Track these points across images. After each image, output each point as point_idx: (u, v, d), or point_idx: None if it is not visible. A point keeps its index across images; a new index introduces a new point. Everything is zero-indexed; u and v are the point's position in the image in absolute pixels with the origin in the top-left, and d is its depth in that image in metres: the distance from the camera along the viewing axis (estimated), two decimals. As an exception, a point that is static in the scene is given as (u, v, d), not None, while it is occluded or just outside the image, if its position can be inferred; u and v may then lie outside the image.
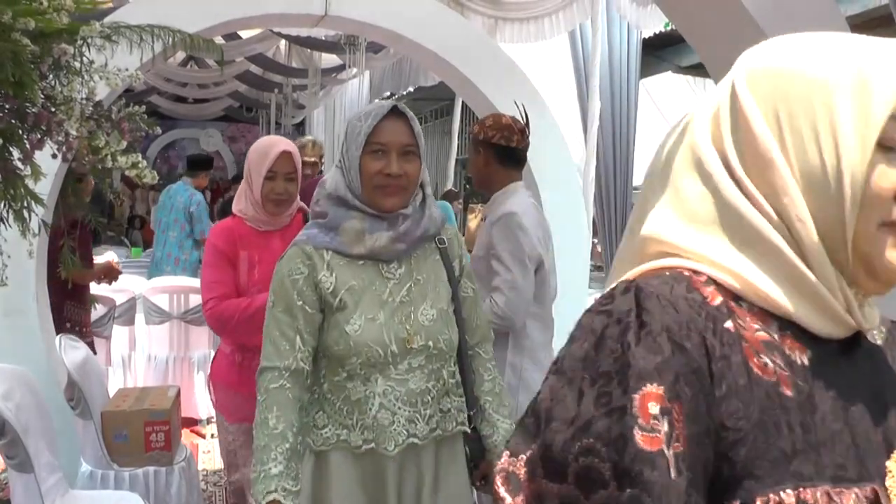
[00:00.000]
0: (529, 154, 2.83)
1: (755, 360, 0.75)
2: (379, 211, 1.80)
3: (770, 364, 0.75)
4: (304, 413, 1.82)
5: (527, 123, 2.79)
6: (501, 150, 2.72)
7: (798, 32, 0.85)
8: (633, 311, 0.75)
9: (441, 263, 1.91)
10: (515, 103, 3.02)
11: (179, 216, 6.09)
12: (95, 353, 4.15)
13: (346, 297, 1.77)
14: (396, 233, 1.80)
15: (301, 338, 1.78)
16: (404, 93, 10.33)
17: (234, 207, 2.66)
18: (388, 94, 10.60)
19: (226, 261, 2.56)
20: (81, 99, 1.56)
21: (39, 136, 1.50)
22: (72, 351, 3.10)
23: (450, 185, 9.91)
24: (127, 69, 1.63)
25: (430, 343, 1.80)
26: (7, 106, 1.45)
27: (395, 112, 1.81)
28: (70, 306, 3.82)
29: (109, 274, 4.16)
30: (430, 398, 1.81)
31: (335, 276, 1.78)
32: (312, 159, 4.91)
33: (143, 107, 1.74)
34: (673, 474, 0.68)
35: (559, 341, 2.84)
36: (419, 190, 1.88)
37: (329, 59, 9.21)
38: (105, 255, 4.87)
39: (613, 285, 0.80)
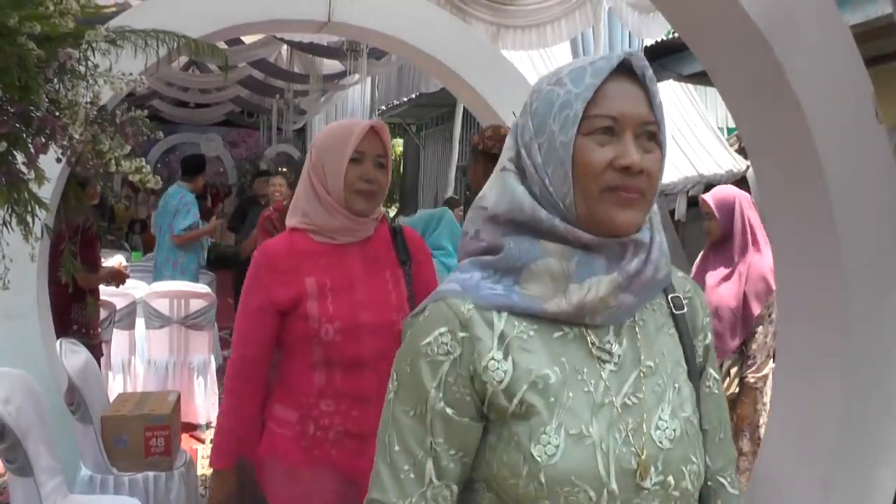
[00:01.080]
0: (531, 161, 2.84)
1: None
2: (607, 233, 1.05)
3: None
4: None
5: None
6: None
7: (800, 43, 0.84)
8: None
9: (676, 337, 1.14)
10: (514, 114, 3.04)
11: (173, 220, 6.08)
12: (103, 353, 4.17)
13: (534, 397, 1.02)
14: (624, 274, 1.04)
15: (436, 465, 1.04)
16: (406, 99, 10.32)
17: (292, 220, 2.01)
18: (393, 100, 10.60)
19: (268, 305, 1.91)
20: (86, 103, 1.56)
21: (44, 140, 1.50)
22: (72, 355, 3.09)
23: (450, 192, 9.91)
24: (131, 73, 1.63)
25: (672, 479, 1.04)
26: (12, 110, 1.45)
27: (625, 69, 1.06)
28: (77, 308, 3.82)
29: (117, 277, 4.17)
30: None
31: (513, 360, 1.03)
32: None
33: (145, 111, 1.73)
34: None
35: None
36: None
37: (331, 65, 9.23)
38: (114, 259, 4.87)
39: None
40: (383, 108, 11.66)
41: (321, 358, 1.89)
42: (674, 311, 1.15)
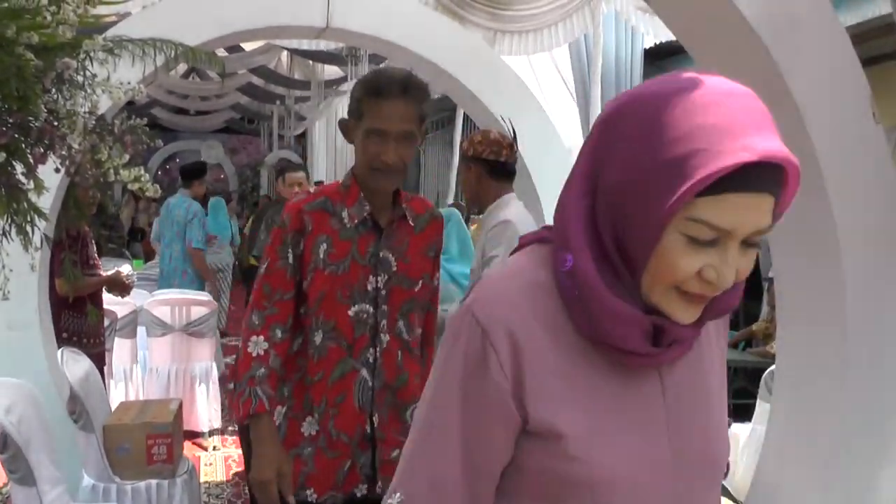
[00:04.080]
0: (531, 164, 2.87)
1: None
2: None
3: None
4: None
5: (514, 138, 2.86)
6: (491, 165, 2.79)
7: (797, 44, 0.84)
8: None
9: None
10: (501, 118, 3.07)
11: (181, 229, 6.08)
12: (105, 362, 4.15)
13: None
14: None
15: None
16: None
17: None
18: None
19: None
20: (84, 112, 1.56)
21: (42, 150, 1.50)
22: (74, 364, 3.09)
23: (451, 195, 9.92)
24: (129, 82, 1.63)
25: None
26: (11, 120, 1.45)
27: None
28: (67, 316, 3.77)
29: (116, 286, 4.12)
30: None
31: None
32: None
33: (145, 119, 1.73)
34: None
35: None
36: None
37: (331, 71, 9.25)
38: (124, 268, 4.84)
39: None
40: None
41: None
42: None
